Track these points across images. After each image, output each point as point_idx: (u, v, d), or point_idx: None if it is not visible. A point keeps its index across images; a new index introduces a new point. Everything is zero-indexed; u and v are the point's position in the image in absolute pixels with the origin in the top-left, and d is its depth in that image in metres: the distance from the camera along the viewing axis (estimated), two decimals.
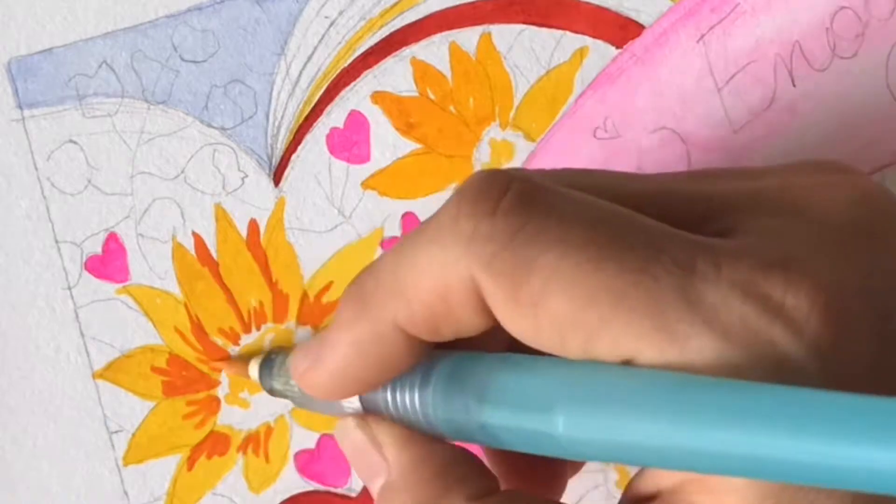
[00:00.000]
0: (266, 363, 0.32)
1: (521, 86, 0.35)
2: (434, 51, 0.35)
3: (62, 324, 0.35)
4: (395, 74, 0.35)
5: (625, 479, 0.35)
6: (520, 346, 0.24)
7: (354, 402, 0.27)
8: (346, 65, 0.35)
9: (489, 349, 0.25)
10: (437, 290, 0.23)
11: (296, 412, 0.35)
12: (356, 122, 0.35)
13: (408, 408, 0.26)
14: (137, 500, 0.35)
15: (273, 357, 0.32)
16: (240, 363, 0.35)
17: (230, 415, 0.35)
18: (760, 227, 0.23)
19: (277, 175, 0.35)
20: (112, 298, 0.35)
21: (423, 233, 0.24)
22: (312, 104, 0.35)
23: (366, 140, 0.35)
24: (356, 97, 0.35)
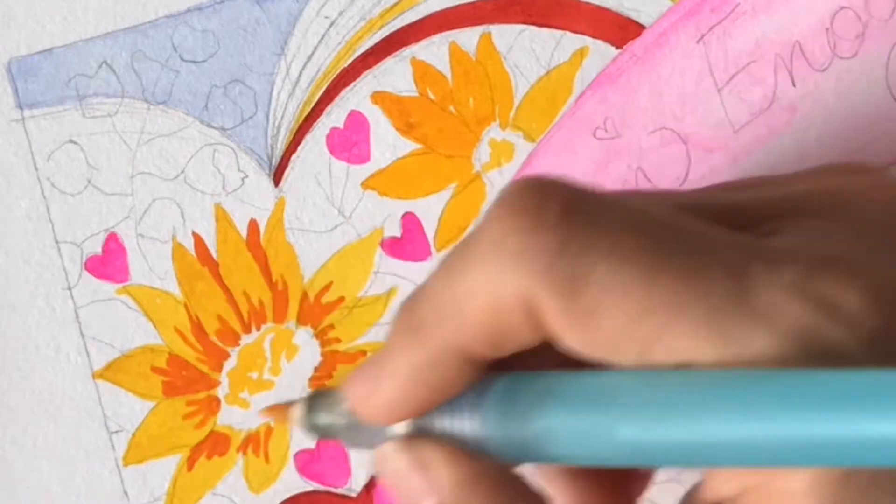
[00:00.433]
0: (310, 404, 0.32)
1: (521, 86, 0.35)
2: (434, 51, 0.35)
3: (62, 324, 0.35)
4: (395, 74, 0.35)
5: None
6: (570, 363, 0.24)
7: (402, 427, 0.26)
8: (346, 65, 0.35)
9: (540, 367, 0.25)
10: (493, 310, 0.23)
11: None
12: (356, 123, 0.35)
13: (461, 428, 0.25)
14: (137, 501, 0.35)
15: (316, 397, 0.31)
16: (280, 409, 0.34)
17: (230, 415, 0.35)
18: (805, 229, 0.23)
19: (277, 175, 0.35)
20: (112, 298, 0.35)
21: (471, 251, 0.24)
22: (312, 104, 0.35)
23: (366, 140, 0.35)
24: (356, 97, 0.35)
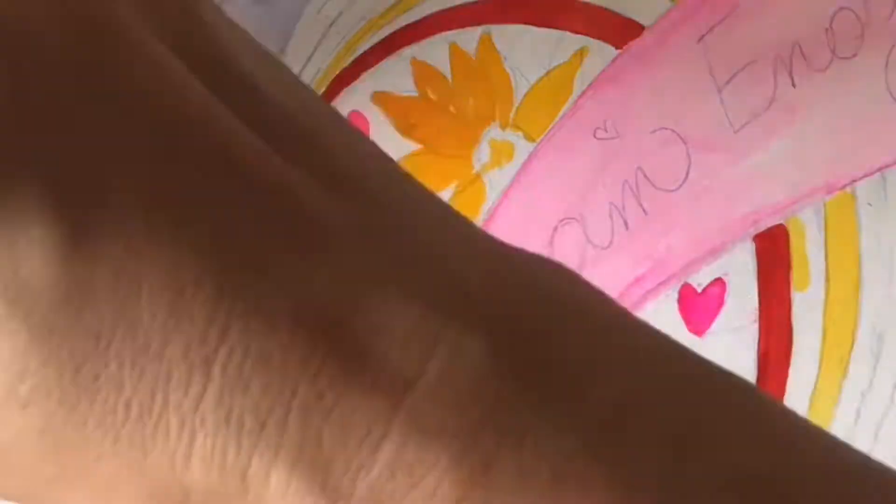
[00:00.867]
0: None
1: (521, 86, 0.35)
2: (434, 51, 0.35)
3: None
4: (395, 74, 0.35)
5: None
6: None
7: None
8: (346, 65, 0.35)
9: None
10: None
11: None
12: (356, 123, 0.35)
13: None
14: None
15: None
16: None
17: None
18: None
19: None
20: None
21: None
22: None
23: None
24: (356, 97, 0.35)
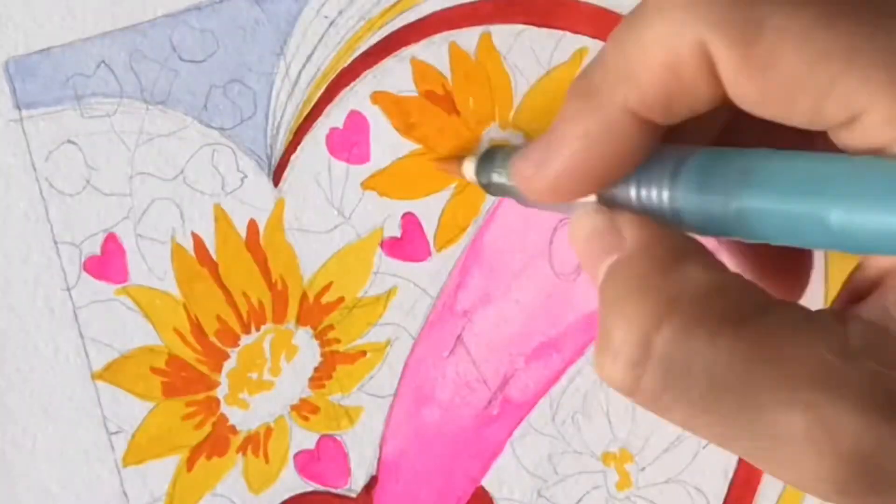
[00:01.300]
0: (485, 160, 0.31)
1: (521, 86, 0.35)
2: (434, 51, 0.35)
3: (61, 325, 0.35)
4: (395, 74, 0.35)
5: (626, 480, 0.35)
6: (739, 129, 0.24)
7: (590, 201, 0.26)
8: (346, 65, 0.35)
9: (711, 138, 0.25)
10: (668, 63, 0.23)
11: (295, 413, 0.35)
12: (356, 123, 0.35)
13: (653, 201, 0.25)
14: (137, 501, 0.35)
15: (493, 154, 0.31)
16: (452, 162, 0.33)
17: (230, 415, 0.35)
18: None
19: (277, 175, 0.35)
20: (111, 299, 0.35)
21: (642, 11, 0.24)
22: (312, 104, 0.35)
23: (366, 140, 0.35)
24: (356, 97, 0.35)
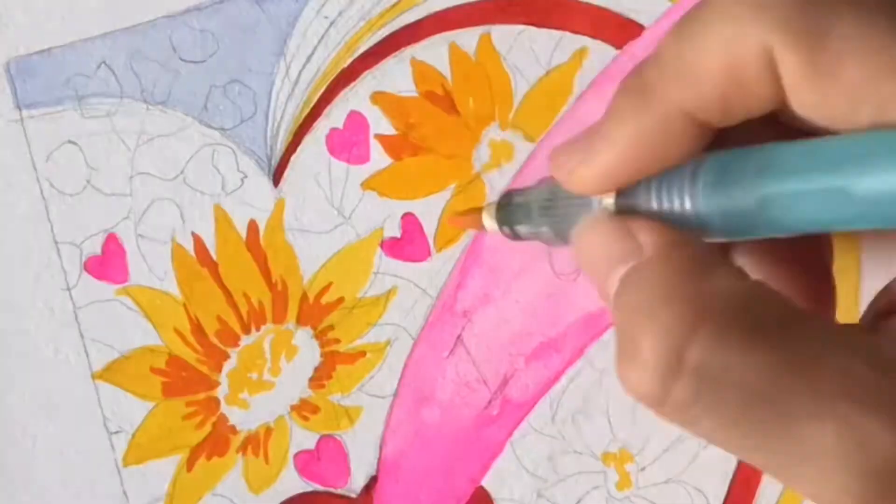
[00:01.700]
0: (504, 207, 0.31)
1: (521, 86, 0.35)
2: (434, 51, 0.35)
3: (61, 325, 0.35)
4: (395, 74, 0.35)
5: (625, 480, 0.35)
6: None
7: (607, 201, 0.26)
8: (346, 65, 0.35)
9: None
10: (729, 66, 0.23)
11: (295, 413, 0.35)
12: (356, 123, 0.35)
13: (674, 207, 0.25)
14: (137, 501, 0.35)
15: (511, 199, 0.30)
16: (469, 215, 0.33)
17: (230, 415, 0.35)
18: None
19: (277, 176, 0.35)
20: (111, 299, 0.35)
21: (704, 10, 0.23)
22: (312, 105, 0.35)
23: (365, 140, 0.35)
24: (356, 98, 0.35)
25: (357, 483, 0.35)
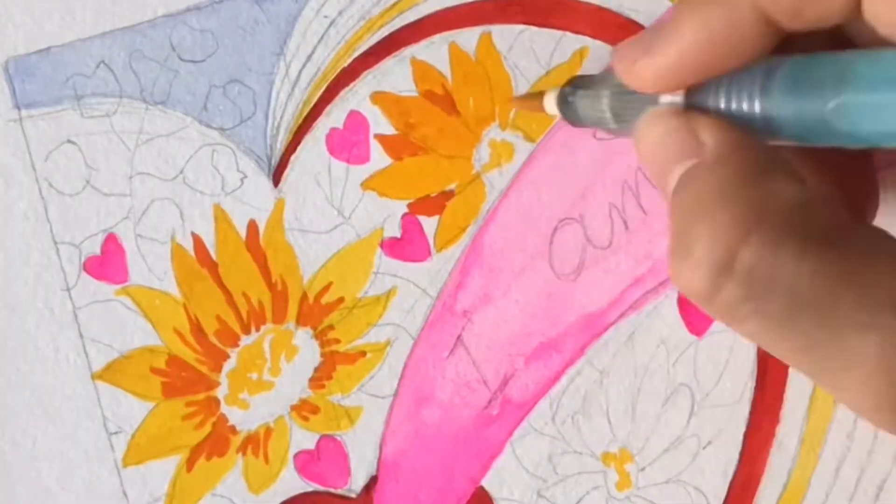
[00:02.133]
0: (568, 91, 0.30)
1: (521, 86, 0.35)
2: (434, 51, 0.35)
3: (61, 325, 0.35)
4: (395, 74, 0.35)
5: (625, 480, 0.35)
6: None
7: (674, 98, 0.26)
8: (346, 65, 0.35)
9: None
10: None
11: (295, 413, 0.35)
12: (356, 123, 0.35)
13: (743, 108, 0.24)
14: (137, 502, 0.35)
15: (575, 85, 0.30)
16: (530, 99, 0.32)
17: (230, 415, 0.35)
18: None
19: (277, 175, 0.35)
20: (111, 299, 0.35)
21: None
22: (312, 104, 0.35)
23: (365, 140, 0.35)
24: (356, 97, 0.35)
25: (357, 483, 0.35)
